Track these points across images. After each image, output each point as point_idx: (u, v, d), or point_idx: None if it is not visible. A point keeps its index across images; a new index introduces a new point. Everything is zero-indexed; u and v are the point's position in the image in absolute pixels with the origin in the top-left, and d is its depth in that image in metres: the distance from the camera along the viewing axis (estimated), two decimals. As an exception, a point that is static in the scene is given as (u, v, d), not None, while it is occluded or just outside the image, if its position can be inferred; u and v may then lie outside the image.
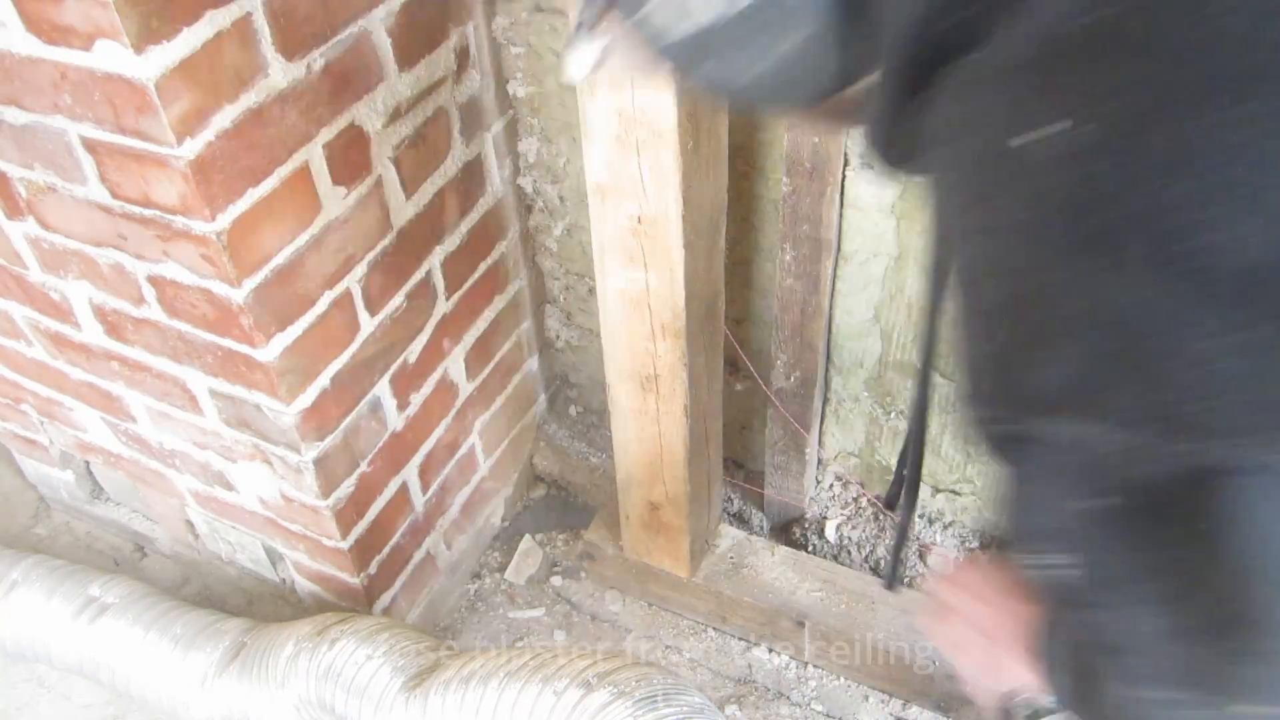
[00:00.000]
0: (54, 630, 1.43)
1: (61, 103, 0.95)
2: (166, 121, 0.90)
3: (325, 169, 1.10)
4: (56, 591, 1.45)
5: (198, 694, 1.36)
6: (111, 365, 1.31)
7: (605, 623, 1.63)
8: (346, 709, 1.26)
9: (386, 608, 1.53)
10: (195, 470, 1.44)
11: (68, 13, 0.86)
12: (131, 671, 1.40)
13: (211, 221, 0.99)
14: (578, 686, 1.11)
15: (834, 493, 1.72)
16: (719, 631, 1.60)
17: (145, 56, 0.87)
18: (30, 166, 1.06)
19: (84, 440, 1.57)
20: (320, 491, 1.30)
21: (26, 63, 0.93)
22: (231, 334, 1.12)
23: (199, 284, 1.07)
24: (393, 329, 1.31)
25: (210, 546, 1.65)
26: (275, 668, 1.30)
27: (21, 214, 1.15)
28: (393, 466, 1.42)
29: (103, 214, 1.06)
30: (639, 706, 1.08)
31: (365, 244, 1.21)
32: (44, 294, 1.27)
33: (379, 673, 1.24)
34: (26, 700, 1.57)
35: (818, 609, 1.53)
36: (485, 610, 1.67)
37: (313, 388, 1.21)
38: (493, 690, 1.16)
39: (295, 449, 1.24)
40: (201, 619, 1.43)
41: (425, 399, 1.44)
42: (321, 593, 1.53)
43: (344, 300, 1.21)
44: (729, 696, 1.52)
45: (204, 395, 1.25)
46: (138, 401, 1.36)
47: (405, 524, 1.51)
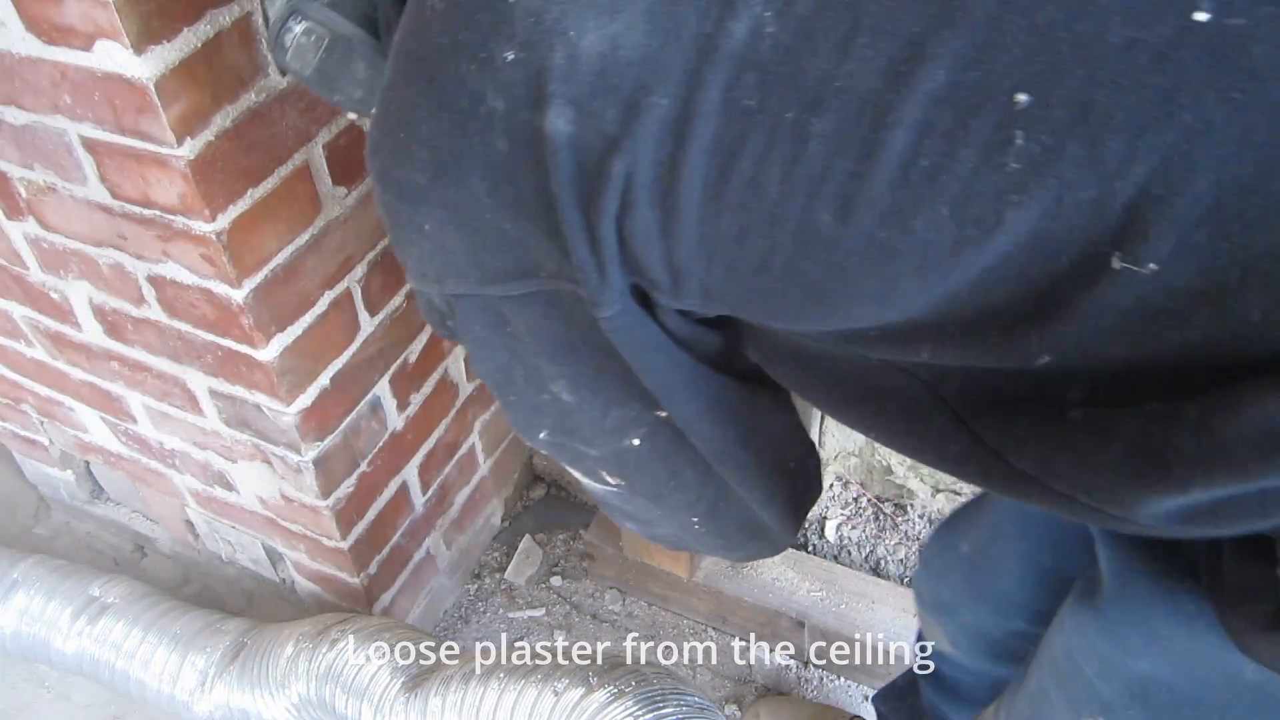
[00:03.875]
0: (54, 630, 1.43)
1: (61, 103, 0.95)
2: (166, 121, 0.90)
3: (325, 169, 1.10)
4: (56, 591, 1.45)
5: (198, 694, 1.36)
6: (111, 365, 1.31)
7: (605, 623, 1.63)
8: (347, 709, 1.26)
9: (386, 608, 1.53)
10: (195, 470, 1.44)
11: (68, 13, 0.86)
12: (131, 671, 1.40)
13: (211, 221, 0.99)
14: (578, 686, 1.11)
15: (834, 493, 1.72)
16: (719, 631, 1.60)
17: (145, 56, 0.87)
18: (30, 166, 1.06)
19: (84, 440, 1.56)
20: (320, 491, 1.30)
21: (26, 63, 0.93)
22: (231, 334, 1.12)
23: (199, 284, 1.07)
24: (393, 329, 1.31)
25: (210, 546, 1.65)
26: (275, 668, 1.30)
27: (21, 214, 1.15)
28: (393, 466, 1.42)
29: (103, 214, 1.06)
30: (639, 706, 1.08)
31: (365, 244, 1.21)
32: (44, 294, 1.27)
33: (379, 673, 1.24)
34: (26, 700, 1.57)
35: (818, 609, 1.53)
36: (485, 610, 1.67)
37: (313, 388, 1.21)
38: (493, 690, 1.16)
39: (295, 449, 1.24)
40: (201, 619, 1.43)
41: (426, 399, 1.44)
42: (321, 593, 1.53)
43: (344, 300, 1.21)
44: (729, 696, 1.52)
45: (204, 395, 1.25)
46: (138, 401, 1.36)
47: (405, 524, 1.51)
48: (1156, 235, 0.40)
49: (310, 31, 0.64)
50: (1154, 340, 0.42)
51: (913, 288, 0.46)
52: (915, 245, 0.44)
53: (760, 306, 0.53)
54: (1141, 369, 0.44)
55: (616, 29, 0.44)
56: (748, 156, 0.45)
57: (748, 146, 0.45)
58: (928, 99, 0.41)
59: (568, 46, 0.45)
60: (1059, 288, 0.43)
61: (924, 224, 0.43)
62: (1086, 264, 0.42)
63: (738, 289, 0.51)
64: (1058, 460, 0.48)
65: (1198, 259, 0.40)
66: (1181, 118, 0.38)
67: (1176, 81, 0.38)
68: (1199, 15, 0.37)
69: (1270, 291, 0.40)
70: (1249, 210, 0.39)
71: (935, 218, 0.43)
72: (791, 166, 0.44)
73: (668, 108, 0.45)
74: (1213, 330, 0.41)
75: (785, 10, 0.42)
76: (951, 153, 0.41)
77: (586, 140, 0.46)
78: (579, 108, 0.46)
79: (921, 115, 0.41)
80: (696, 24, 0.43)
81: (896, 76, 0.41)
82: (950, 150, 0.41)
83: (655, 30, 0.44)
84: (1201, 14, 0.37)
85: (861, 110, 0.42)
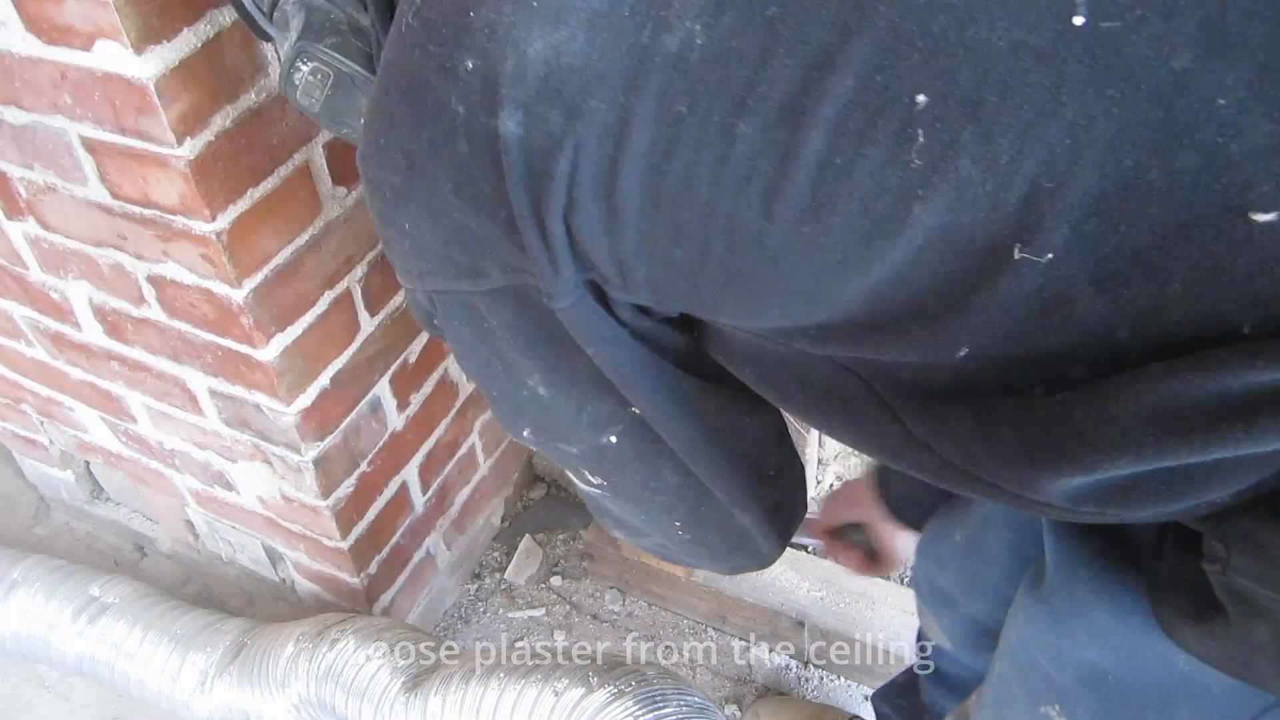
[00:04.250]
0: (54, 630, 1.43)
1: (61, 102, 0.95)
2: (166, 121, 0.90)
3: (325, 169, 1.10)
4: (56, 591, 1.45)
5: (198, 694, 1.36)
6: (111, 365, 1.31)
7: (605, 623, 1.63)
8: (347, 709, 1.26)
9: (386, 608, 1.53)
10: (195, 470, 1.44)
11: (68, 13, 0.86)
12: (131, 671, 1.40)
13: (211, 221, 0.99)
14: (578, 686, 1.11)
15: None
16: (719, 631, 1.60)
17: (145, 56, 0.87)
18: (30, 166, 1.06)
19: (84, 440, 1.56)
20: (320, 491, 1.30)
21: (26, 63, 0.93)
22: (231, 334, 1.12)
23: (199, 284, 1.07)
24: (393, 329, 1.31)
25: (210, 546, 1.65)
26: (275, 668, 1.30)
27: (21, 214, 1.15)
28: (393, 466, 1.42)
29: (103, 214, 1.06)
30: (639, 706, 1.08)
31: (365, 244, 1.21)
32: (44, 294, 1.27)
33: (379, 673, 1.24)
34: (26, 700, 1.57)
35: (818, 609, 1.53)
36: (485, 610, 1.67)
37: (313, 388, 1.21)
38: (493, 690, 1.16)
39: (295, 449, 1.24)
40: (201, 619, 1.43)
41: (426, 399, 1.44)
42: (321, 593, 1.53)
43: (344, 300, 1.21)
44: (729, 696, 1.52)
45: (204, 395, 1.25)
46: (138, 401, 1.36)
47: (405, 524, 1.51)
48: (1050, 226, 0.43)
49: (317, 71, 0.70)
50: (1058, 328, 0.45)
51: (836, 284, 0.49)
52: (835, 241, 0.47)
53: (702, 303, 0.56)
54: (1051, 357, 0.47)
55: (559, 38, 0.47)
56: (680, 159, 0.48)
57: (680, 149, 0.48)
58: (840, 101, 0.44)
59: (517, 54, 0.48)
60: (970, 280, 0.45)
61: (841, 220, 0.46)
62: (992, 256, 0.44)
63: (680, 284, 0.55)
64: (976, 448, 0.51)
65: (1090, 248, 0.43)
66: (1064, 114, 0.41)
67: (1058, 81, 0.41)
68: (1077, 19, 0.40)
69: (1157, 280, 0.42)
70: (1130, 203, 0.41)
71: (850, 213, 0.46)
72: (720, 167, 0.47)
73: (605, 112, 0.48)
74: (1110, 318, 0.44)
75: (713, 24, 0.45)
76: (862, 151, 0.44)
77: (534, 140, 0.50)
78: (527, 110, 0.49)
79: (834, 117, 0.44)
80: (632, 35, 0.47)
81: (811, 82, 0.44)
82: (860, 149, 0.44)
83: (594, 40, 0.47)
84: (1079, 17, 0.40)
85: (781, 114, 0.45)
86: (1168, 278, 0.42)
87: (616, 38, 0.47)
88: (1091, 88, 0.40)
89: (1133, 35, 0.40)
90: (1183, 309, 0.43)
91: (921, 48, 0.42)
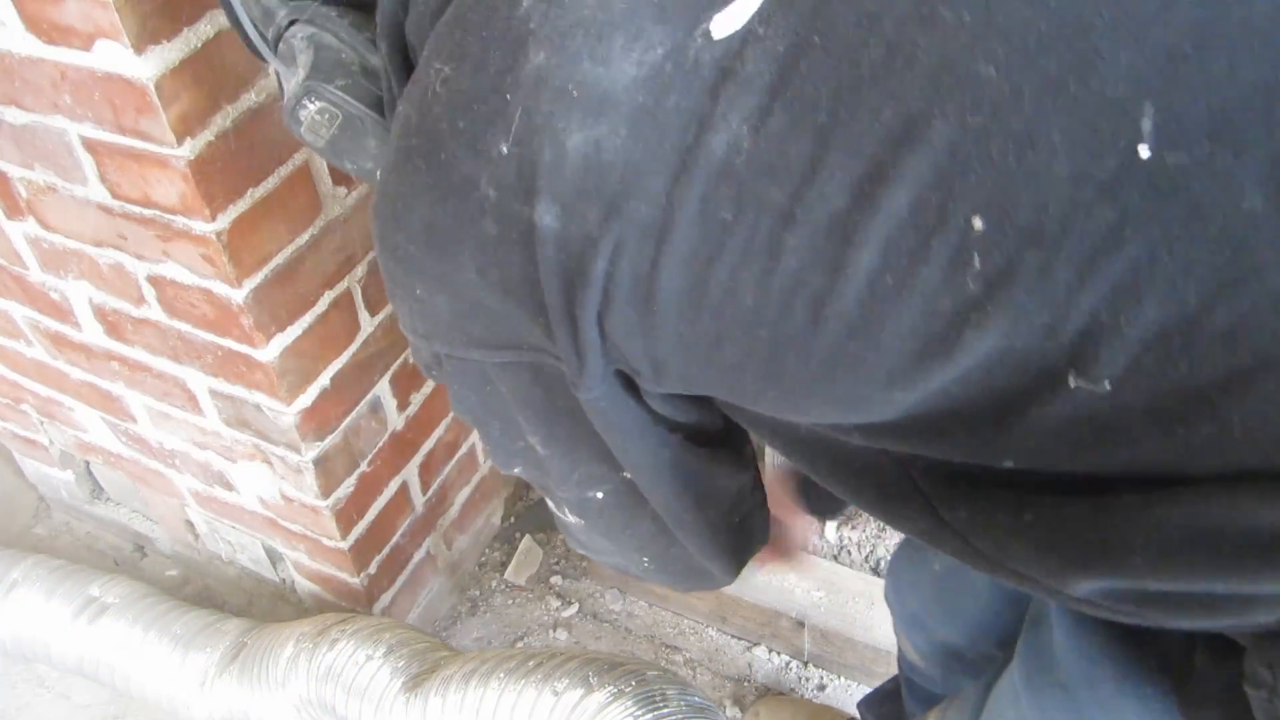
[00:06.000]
0: (54, 630, 1.43)
1: (61, 102, 0.95)
2: (166, 121, 0.90)
3: (325, 169, 1.10)
4: (56, 591, 1.45)
5: (198, 694, 1.36)
6: (111, 365, 1.31)
7: (605, 623, 1.63)
8: (347, 709, 1.26)
9: (386, 608, 1.53)
10: (195, 470, 1.44)
11: (68, 13, 0.86)
12: (131, 671, 1.40)
13: (211, 221, 0.99)
14: (578, 686, 1.11)
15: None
16: (719, 631, 1.60)
17: (145, 56, 0.87)
18: (30, 166, 1.06)
19: (84, 440, 1.56)
20: (320, 491, 1.30)
21: (26, 62, 0.93)
22: (231, 334, 1.12)
23: (199, 284, 1.07)
24: (393, 329, 1.31)
25: (210, 546, 1.65)
26: (275, 668, 1.30)
27: (21, 214, 1.15)
28: (393, 466, 1.42)
29: (103, 214, 1.06)
30: (639, 706, 1.08)
31: (366, 244, 1.21)
32: (44, 294, 1.27)
33: (379, 673, 1.24)
34: (26, 700, 1.57)
35: (818, 609, 1.53)
36: (485, 610, 1.67)
37: (313, 388, 1.21)
38: (493, 690, 1.16)
39: (295, 449, 1.24)
40: (201, 619, 1.43)
41: (426, 398, 1.44)
42: (321, 593, 1.53)
43: (344, 300, 1.21)
44: (729, 696, 1.52)
45: (204, 395, 1.25)
46: (138, 401, 1.36)
47: (405, 524, 1.51)
48: (1107, 359, 0.41)
49: (324, 111, 0.69)
50: (1109, 454, 0.44)
51: (881, 395, 0.47)
52: (882, 358, 0.45)
53: (740, 397, 0.55)
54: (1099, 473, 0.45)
55: (600, 132, 0.46)
56: (724, 266, 0.46)
57: (724, 257, 0.46)
58: (893, 219, 0.42)
59: (555, 145, 0.46)
60: (1022, 401, 0.44)
61: (890, 338, 0.45)
62: (1045, 380, 0.43)
63: (718, 382, 0.53)
64: (1011, 542, 0.50)
65: (1148, 383, 0.41)
66: (1126, 250, 0.39)
67: (1121, 215, 0.39)
68: (1143, 151, 0.38)
69: (1216, 422, 0.41)
70: (1194, 342, 0.40)
71: (900, 332, 0.44)
72: (766, 278, 0.46)
73: (646, 214, 0.46)
74: (1164, 450, 0.43)
75: (760, 127, 0.44)
76: (915, 271, 0.43)
77: (571, 237, 0.48)
78: (564, 205, 0.47)
79: (887, 234, 0.43)
80: (677, 135, 0.45)
81: (863, 196, 0.42)
82: (914, 269, 0.43)
83: (637, 137, 0.45)
84: (1145, 149, 0.38)
85: (831, 227, 0.43)
86: (1227, 420, 0.40)
87: (660, 136, 0.45)
88: (1156, 223, 0.39)
89: (1201, 171, 0.38)
90: (1241, 451, 0.41)
91: (979, 170, 0.41)
